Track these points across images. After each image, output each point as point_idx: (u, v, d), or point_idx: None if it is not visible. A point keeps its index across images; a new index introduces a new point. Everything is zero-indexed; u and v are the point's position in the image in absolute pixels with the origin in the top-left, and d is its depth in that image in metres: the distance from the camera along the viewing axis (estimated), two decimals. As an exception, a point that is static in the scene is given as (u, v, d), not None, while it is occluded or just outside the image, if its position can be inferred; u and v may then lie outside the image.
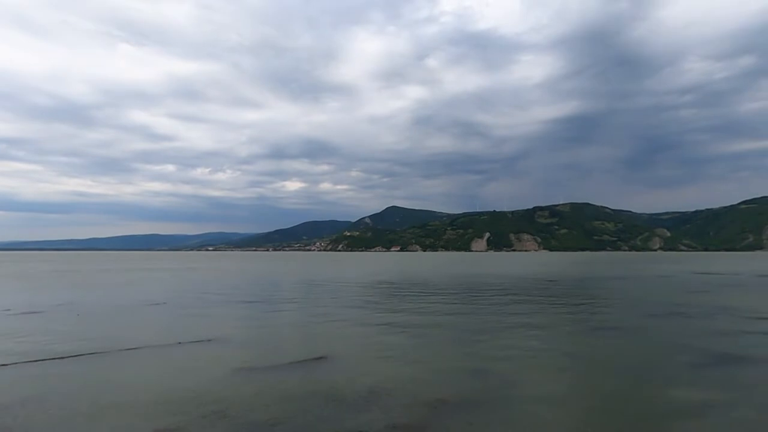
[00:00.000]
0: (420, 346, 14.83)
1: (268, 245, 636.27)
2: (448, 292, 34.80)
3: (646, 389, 10.48)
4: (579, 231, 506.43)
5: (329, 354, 13.32)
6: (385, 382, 10.58)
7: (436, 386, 10.36)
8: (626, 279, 50.89)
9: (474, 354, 13.73)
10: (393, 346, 14.83)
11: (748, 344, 15.10)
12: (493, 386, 10.51)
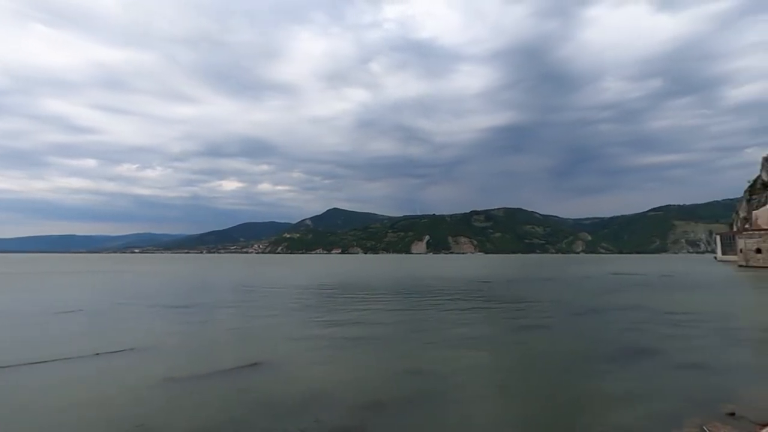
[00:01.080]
0: (358, 350, 14.79)
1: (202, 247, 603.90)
2: (387, 294, 35.10)
3: (571, 383, 11.23)
4: (512, 234, 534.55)
5: (264, 360, 12.86)
6: (321, 387, 10.41)
7: (374, 389, 10.37)
8: (553, 280, 54.44)
9: (412, 355, 13.93)
10: (331, 350, 14.66)
11: (655, 338, 16.70)
12: (430, 386, 10.72)
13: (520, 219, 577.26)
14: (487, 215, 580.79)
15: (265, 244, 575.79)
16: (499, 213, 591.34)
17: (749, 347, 15.53)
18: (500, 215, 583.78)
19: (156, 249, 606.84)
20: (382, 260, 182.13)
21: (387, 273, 71.76)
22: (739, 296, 35.20)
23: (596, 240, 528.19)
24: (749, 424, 8.04)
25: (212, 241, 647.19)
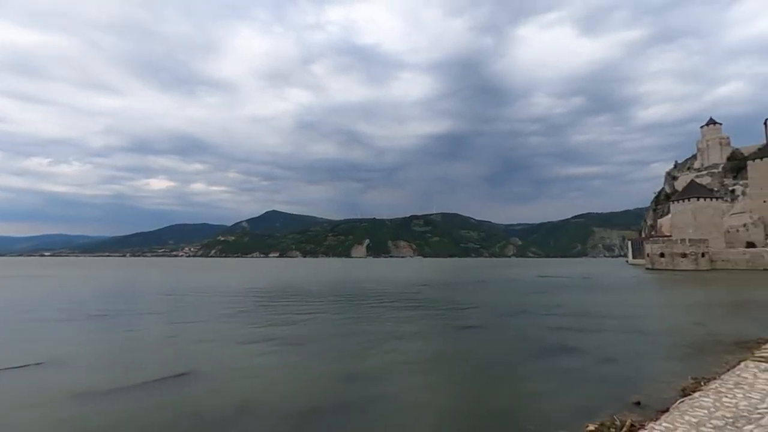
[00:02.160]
0: (294, 356, 14.48)
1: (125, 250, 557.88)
2: (325, 299, 34.76)
3: (500, 380, 11.81)
4: (449, 239, 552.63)
5: (193, 370, 12.17)
6: (255, 396, 10.06)
7: (310, 395, 10.22)
8: (486, 282, 57.01)
9: (349, 360, 13.90)
10: (265, 357, 14.21)
11: (574, 336, 18.06)
12: (367, 390, 10.76)
13: (457, 224, 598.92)
14: (426, 220, 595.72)
15: (197, 247, 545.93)
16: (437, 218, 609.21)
17: (653, 342, 17.27)
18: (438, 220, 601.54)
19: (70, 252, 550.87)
20: (321, 264, 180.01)
21: (326, 277, 71.04)
22: (645, 296, 39.11)
23: (526, 245, 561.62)
24: (652, 412, 8.96)
25: (137, 244, 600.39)
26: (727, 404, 8.45)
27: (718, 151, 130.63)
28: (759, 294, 33.30)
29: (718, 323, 21.30)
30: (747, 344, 15.48)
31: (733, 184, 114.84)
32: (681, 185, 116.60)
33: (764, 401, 8.15)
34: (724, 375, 10.83)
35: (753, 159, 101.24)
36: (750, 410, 7.87)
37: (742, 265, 77.29)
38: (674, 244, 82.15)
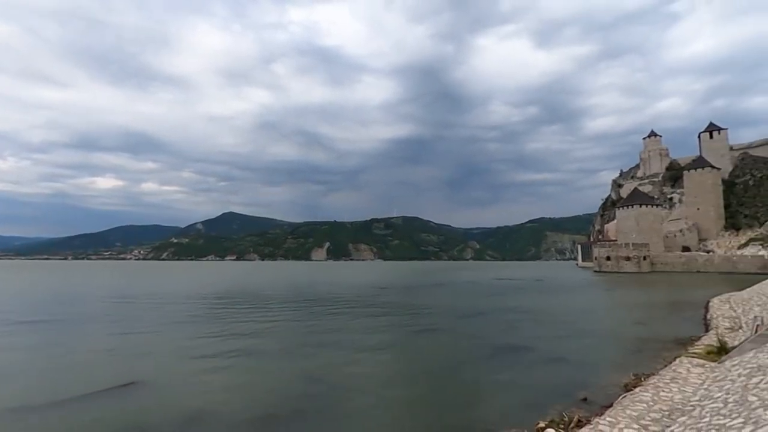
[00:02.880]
0: (251, 362, 14.08)
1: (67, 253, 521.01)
2: (284, 303, 34.10)
3: (456, 381, 12.03)
4: (409, 242, 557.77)
5: (141, 379, 11.56)
6: (208, 404, 9.69)
7: (267, 402, 9.97)
8: (444, 285, 58.01)
9: (307, 364, 13.69)
10: (219, 364, 13.72)
11: (527, 336, 18.72)
12: (325, 395, 10.64)
13: (417, 227, 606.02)
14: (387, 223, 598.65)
15: (147, 250, 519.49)
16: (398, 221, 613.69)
17: (599, 341, 18.21)
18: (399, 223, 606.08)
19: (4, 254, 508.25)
20: (280, 267, 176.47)
21: (285, 281, 69.73)
22: (592, 297, 41.20)
23: (483, 248, 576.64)
24: (598, 407, 9.45)
25: (80, 246, 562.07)
26: (664, 398, 9.05)
27: (659, 162, 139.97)
28: (693, 294, 35.91)
29: (657, 322, 22.77)
30: (682, 341, 16.66)
31: (671, 193, 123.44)
32: (625, 193, 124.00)
33: (696, 394, 8.79)
34: (662, 371, 11.60)
35: (688, 170, 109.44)
36: (684, 403, 8.46)
37: (679, 267, 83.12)
38: (619, 247, 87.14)
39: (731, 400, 6.72)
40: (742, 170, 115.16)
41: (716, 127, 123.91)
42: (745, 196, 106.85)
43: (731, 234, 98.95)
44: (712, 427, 5.76)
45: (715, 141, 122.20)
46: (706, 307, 26.15)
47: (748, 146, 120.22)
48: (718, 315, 21.81)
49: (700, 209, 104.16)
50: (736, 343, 12.87)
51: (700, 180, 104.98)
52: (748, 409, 5.72)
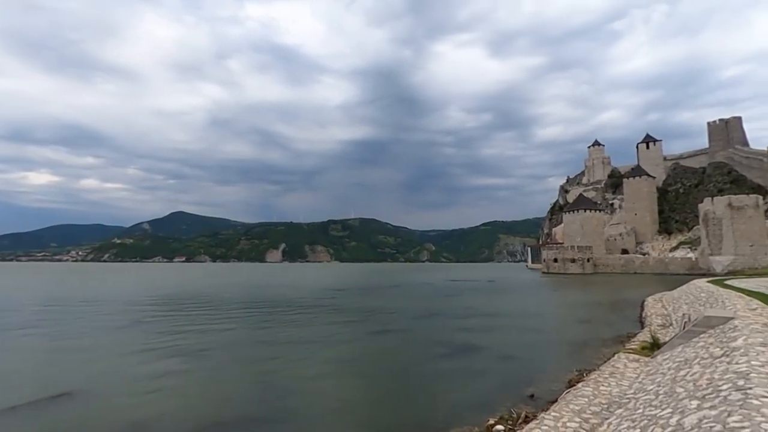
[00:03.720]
0: (197, 370, 13.46)
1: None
2: (235, 307, 33.03)
3: (411, 381, 12.16)
4: (366, 244, 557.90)
5: (77, 389, 10.77)
6: (150, 414, 9.18)
7: (214, 410, 9.60)
8: (401, 287, 58.53)
9: (259, 370, 13.32)
10: (164, 372, 13.04)
11: (479, 336, 19.25)
12: (277, 400, 10.39)
13: (375, 229, 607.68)
14: (344, 225, 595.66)
15: (86, 251, 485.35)
16: (355, 223, 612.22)
17: (546, 339, 19.06)
18: (356, 225, 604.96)
19: None
20: (233, 269, 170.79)
21: (238, 283, 67.63)
22: (540, 297, 43.09)
23: (439, 250, 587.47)
24: (544, 403, 9.88)
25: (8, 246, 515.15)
26: (603, 392, 9.61)
27: (601, 169, 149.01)
28: (630, 294, 38.43)
29: (598, 321, 24.15)
30: (620, 338, 17.77)
31: (612, 198, 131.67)
32: (572, 198, 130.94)
33: (632, 387, 9.41)
34: (602, 366, 12.31)
35: (627, 177, 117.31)
36: (621, 396, 9.03)
37: (618, 268, 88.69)
38: (565, 250, 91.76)
39: (662, 392, 7.25)
40: (674, 179, 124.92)
41: (652, 139, 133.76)
42: (676, 203, 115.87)
43: (664, 238, 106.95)
44: (645, 417, 6.18)
45: (651, 151, 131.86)
46: (641, 305, 28.09)
47: (679, 157, 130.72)
48: (652, 313, 23.48)
49: (637, 215, 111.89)
50: (667, 338, 13.90)
51: (638, 187, 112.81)
52: (675, 400, 6.19)
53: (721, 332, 9.97)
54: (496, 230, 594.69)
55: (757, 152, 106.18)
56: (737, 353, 7.22)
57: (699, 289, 25.84)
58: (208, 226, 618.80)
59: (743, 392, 4.97)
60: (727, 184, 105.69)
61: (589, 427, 7.61)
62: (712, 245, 76.46)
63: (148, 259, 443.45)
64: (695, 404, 5.41)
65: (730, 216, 74.29)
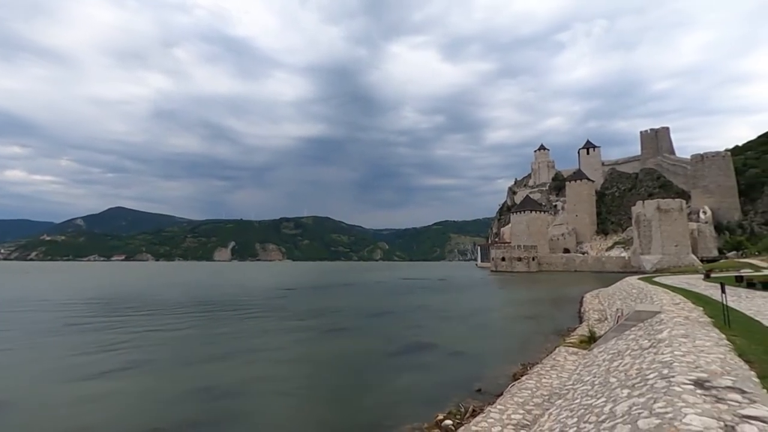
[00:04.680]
0: (135, 376, 12.69)
1: None
2: (180, 308, 31.48)
3: (363, 379, 12.15)
4: (319, 242, 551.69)
5: (3, 400, 9.82)
6: (85, 424, 8.55)
7: (153, 416, 9.09)
8: (353, 285, 58.44)
9: (203, 374, 12.78)
10: (98, 379, 12.19)
11: (431, 333, 19.61)
12: (222, 404, 10.01)
13: (328, 228, 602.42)
14: (297, 223, 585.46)
15: (9, 249, 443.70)
16: (308, 221, 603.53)
17: (493, 334, 19.77)
18: (309, 223, 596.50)
19: None
20: (178, 268, 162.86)
21: (183, 283, 64.61)
22: (488, 295, 44.64)
23: (392, 249, 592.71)
24: (490, 396, 10.23)
25: None
26: (545, 384, 10.10)
27: (546, 172, 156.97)
28: (570, 291, 40.74)
29: (541, 316, 25.37)
30: (561, 332, 18.78)
31: (556, 200, 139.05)
32: (519, 199, 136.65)
33: (570, 379, 9.96)
34: (544, 359, 12.94)
35: (569, 181, 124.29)
36: (561, 387, 9.53)
37: (560, 267, 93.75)
38: (512, 249, 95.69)
39: (597, 382, 7.73)
40: (611, 183, 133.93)
41: (592, 145, 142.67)
42: (612, 206, 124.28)
43: (601, 238, 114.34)
44: (582, 406, 6.57)
45: (591, 157, 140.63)
46: (580, 302, 29.86)
47: (615, 163, 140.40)
48: (589, 308, 25.02)
49: (577, 216, 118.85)
50: (603, 332, 14.85)
51: (578, 190, 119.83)
52: (609, 389, 6.62)
53: (649, 325, 10.79)
54: (447, 230, 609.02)
55: (681, 160, 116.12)
56: (663, 344, 7.84)
57: (631, 286, 27.86)
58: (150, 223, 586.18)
59: (667, 380, 5.40)
60: (657, 189, 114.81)
61: (532, 418, 7.97)
62: (643, 245, 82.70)
63: (83, 258, 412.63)
64: (626, 393, 5.81)
65: (658, 218, 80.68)
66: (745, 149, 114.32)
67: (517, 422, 7.87)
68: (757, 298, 16.31)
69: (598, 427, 5.01)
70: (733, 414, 4.01)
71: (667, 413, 4.24)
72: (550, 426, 6.55)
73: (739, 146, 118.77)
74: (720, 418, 3.90)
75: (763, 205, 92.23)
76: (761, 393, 4.66)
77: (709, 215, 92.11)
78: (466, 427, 7.86)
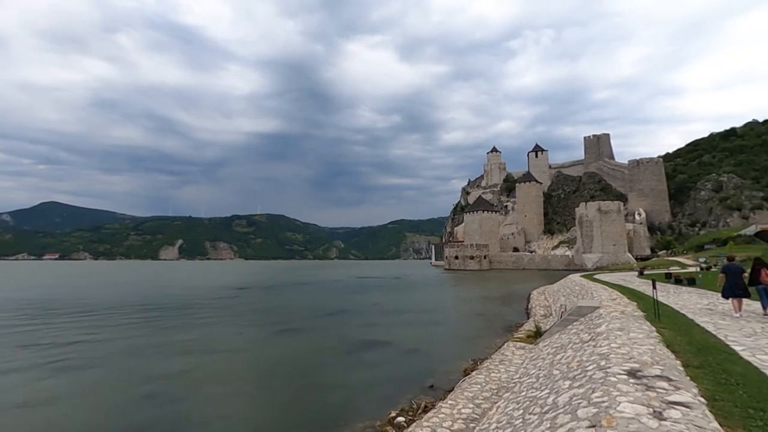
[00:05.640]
0: (71, 385, 11.82)
1: None
2: (118, 311, 29.63)
3: (318, 378, 12.01)
4: (273, 241, 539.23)
5: None
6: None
7: (92, 428, 8.52)
8: (308, 284, 57.69)
9: (144, 381, 12.09)
10: (30, 389, 11.27)
11: (385, 331, 19.73)
12: (167, 412, 9.55)
13: (283, 226, 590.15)
14: (249, 220, 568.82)
15: None
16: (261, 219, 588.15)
17: (446, 331, 20.21)
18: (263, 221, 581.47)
19: None
20: (119, 268, 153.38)
21: (123, 283, 60.97)
22: (442, 293, 45.59)
23: (348, 247, 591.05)
24: (442, 392, 10.44)
25: None
26: (494, 378, 10.45)
27: (498, 174, 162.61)
28: (519, 288, 42.48)
29: (492, 313, 26.25)
30: (510, 328, 19.53)
31: (507, 201, 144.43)
32: (472, 199, 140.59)
33: (518, 372, 10.37)
34: (493, 355, 13.40)
35: (519, 182, 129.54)
36: (508, 380, 9.90)
37: (510, 265, 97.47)
38: (465, 248, 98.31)
39: (542, 375, 8.10)
40: (557, 185, 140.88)
41: (540, 149, 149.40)
42: (558, 207, 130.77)
43: (548, 237, 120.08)
44: (527, 399, 6.86)
45: (539, 160, 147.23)
46: (527, 298, 31.22)
47: (561, 166, 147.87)
48: (536, 304, 26.21)
49: (526, 216, 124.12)
50: (548, 327, 15.60)
51: (527, 192, 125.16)
52: (552, 381, 6.96)
53: (589, 320, 11.45)
54: (403, 229, 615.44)
55: (620, 165, 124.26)
56: (601, 337, 8.35)
57: (573, 283, 29.48)
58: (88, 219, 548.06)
59: (604, 371, 5.75)
60: (598, 192, 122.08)
61: (481, 412, 8.23)
62: (585, 244, 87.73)
63: (9, 256, 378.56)
64: (567, 384, 6.13)
65: (599, 219, 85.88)
66: (675, 156, 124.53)
67: (467, 416, 8.09)
68: (683, 293, 17.78)
69: (541, 417, 5.24)
70: (660, 401, 4.33)
71: (604, 402, 4.51)
72: (498, 418, 6.79)
73: (670, 153, 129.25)
74: (649, 405, 4.20)
75: (689, 208, 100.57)
76: (685, 380, 5.08)
77: (644, 217, 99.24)
78: (418, 423, 7.98)
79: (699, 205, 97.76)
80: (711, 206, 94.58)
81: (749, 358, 6.22)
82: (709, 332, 8.37)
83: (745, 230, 74.73)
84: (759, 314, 10.41)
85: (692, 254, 67.05)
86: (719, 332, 8.32)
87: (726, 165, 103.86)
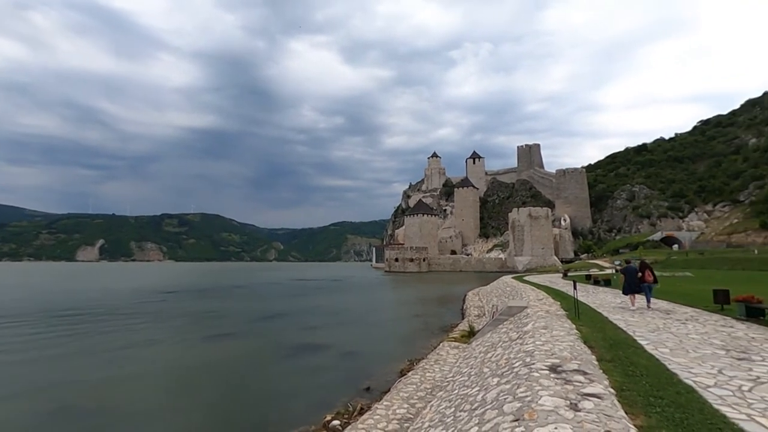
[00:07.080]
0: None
1: None
2: (24, 318, 26.72)
3: (253, 383, 11.58)
4: (207, 241, 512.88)
5: None
6: None
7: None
8: (245, 287, 55.57)
9: (59, 394, 10.97)
10: None
11: (323, 334, 19.51)
12: (84, 427, 8.72)
13: (218, 226, 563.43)
14: (181, 220, 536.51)
15: None
16: (195, 218, 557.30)
17: (383, 333, 20.38)
18: (196, 221, 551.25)
19: None
20: (26, 270, 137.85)
21: (28, 285, 54.96)
22: (381, 294, 45.99)
23: (288, 249, 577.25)
24: (378, 394, 10.50)
25: None
26: (429, 378, 10.68)
27: (438, 178, 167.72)
28: (456, 289, 43.95)
29: (429, 314, 26.89)
30: (445, 328, 20.10)
31: (446, 205, 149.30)
32: (413, 203, 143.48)
33: (451, 371, 10.69)
34: (429, 355, 13.70)
35: (457, 187, 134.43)
36: (442, 380, 10.17)
37: (448, 267, 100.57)
38: (405, 250, 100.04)
39: (473, 373, 8.41)
40: (492, 191, 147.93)
41: (477, 156, 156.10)
42: (493, 212, 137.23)
43: (483, 241, 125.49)
44: (459, 396, 7.08)
45: (476, 166, 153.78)
46: (463, 299, 32.36)
47: (496, 173, 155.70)
48: (470, 305, 27.23)
49: (464, 220, 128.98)
50: (481, 326, 16.26)
51: (465, 196, 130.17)
52: (482, 378, 7.25)
53: (518, 319, 12.10)
54: (344, 230, 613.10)
55: (548, 174, 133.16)
56: (527, 336, 8.84)
57: (505, 284, 31.03)
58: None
59: (529, 367, 6.09)
60: (529, 198, 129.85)
61: (415, 411, 8.37)
62: (516, 247, 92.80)
63: None
64: (496, 381, 6.41)
65: (529, 224, 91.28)
66: (596, 167, 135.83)
67: (402, 416, 8.19)
68: (600, 293, 19.38)
69: (471, 414, 5.43)
70: (576, 393, 4.66)
71: (527, 396, 4.77)
72: (431, 417, 6.94)
73: (592, 164, 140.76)
74: (567, 398, 4.51)
75: (607, 215, 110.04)
76: (598, 373, 5.52)
77: (568, 222, 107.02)
78: (353, 426, 7.95)
79: (615, 212, 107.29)
80: (626, 214, 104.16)
81: (652, 351, 6.93)
82: (620, 328, 9.19)
83: (653, 236, 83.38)
84: (644, 308, 12.54)
85: (609, 257, 73.35)
86: (629, 328, 9.17)
87: (638, 177, 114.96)
